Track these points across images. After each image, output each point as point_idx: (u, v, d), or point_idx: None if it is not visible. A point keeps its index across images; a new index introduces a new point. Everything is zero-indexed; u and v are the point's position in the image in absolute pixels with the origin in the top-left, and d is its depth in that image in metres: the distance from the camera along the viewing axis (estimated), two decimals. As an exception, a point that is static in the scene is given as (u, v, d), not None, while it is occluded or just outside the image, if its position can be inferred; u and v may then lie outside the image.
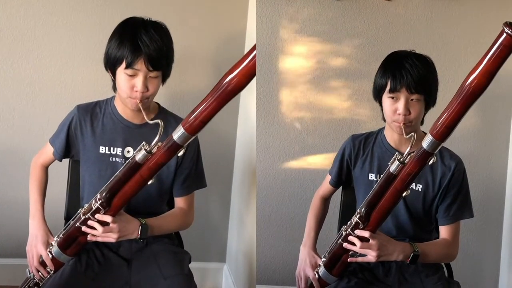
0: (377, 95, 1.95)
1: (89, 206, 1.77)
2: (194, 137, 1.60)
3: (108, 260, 1.93)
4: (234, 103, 2.75)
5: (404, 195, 1.74)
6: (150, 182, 1.70)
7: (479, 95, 1.49)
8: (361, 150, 2.04)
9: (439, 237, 2.00)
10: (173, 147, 1.61)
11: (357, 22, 2.63)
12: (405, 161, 1.70)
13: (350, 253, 1.87)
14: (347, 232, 1.84)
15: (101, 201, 1.74)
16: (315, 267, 2.00)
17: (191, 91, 2.69)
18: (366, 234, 1.80)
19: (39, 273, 1.90)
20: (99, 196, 1.74)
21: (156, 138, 1.65)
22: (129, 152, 1.94)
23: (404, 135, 1.84)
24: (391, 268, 1.98)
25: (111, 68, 1.89)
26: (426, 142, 1.60)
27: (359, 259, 1.86)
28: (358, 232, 1.82)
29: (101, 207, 1.74)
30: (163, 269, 1.88)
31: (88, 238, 1.80)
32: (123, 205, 1.77)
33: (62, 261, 1.87)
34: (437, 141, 1.58)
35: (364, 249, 1.81)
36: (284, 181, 2.71)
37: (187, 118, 1.57)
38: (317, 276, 1.97)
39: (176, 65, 1.97)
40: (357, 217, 1.81)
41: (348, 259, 1.88)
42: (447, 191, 1.95)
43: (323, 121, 2.67)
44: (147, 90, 1.85)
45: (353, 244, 1.83)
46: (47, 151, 2.05)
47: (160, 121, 1.67)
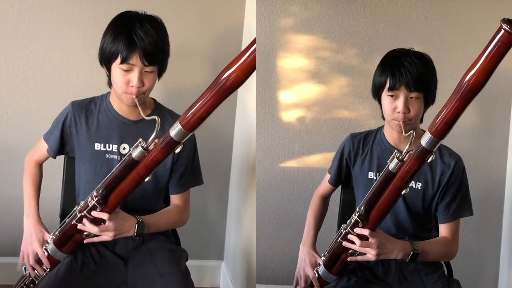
0: (376, 93, 1.95)
1: (85, 203, 1.75)
2: (191, 133, 1.58)
3: (104, 258, 1.92)
4: (231, 99, 2.74)
5: (403, 193, 1.74)
6: (147, 179, 1.69)
7: (477, 92, 1.49)
8: (360, 148, 2.03)
9: (438, 235, 2.00)
10: (170, 144, 1.60)
11: (356, 20, 2.62)
12: (404, 159, 1.70)
13: (349, 252, 1.87)
14: (347, 230, 1.84)
15: (97, 199, 1.72)
16: (315, 266, 1.99)
17: (188, 87, 2.69)
18: (365, 232, 1.80)
19: (35, 271, 1.88)
20: (95, 193, 1.73)
21: (153, 134, 1.63)
22: (124, 149, 1.93)
23: (403, 133, 1.84)
24: (391, 266, 1.97)
25: (106, 63, 1.87)
26: (424, 139, 1.60)
27: (359, 258, 1.86)
28: (357, 230, 1.81)
29: (97, 205, 1.73)
30: (159, 267, 1.87)
31: (84, 241, 1.79)
32: (120, 203, 1.75)
33: (58, 259, 1.85)
34: (435, 138, 1.58)
35: (363, 247, 1.80)
36: (283, 180, 2.71)
37: (184, 114, 1.56)
38: (316, 275, 1.97)
39: (172, 60, 1.95)
40: (357, 215, 1.81)
41: (348, 258, 1.88)
42: (446, 189, 1.95)
43: (322, 120, 2.67)
44: (143, 85, 1.83)
45: (353, 242, 1.82)
46: (41, 148, 2.04)
47: (157, 117, 1.65)
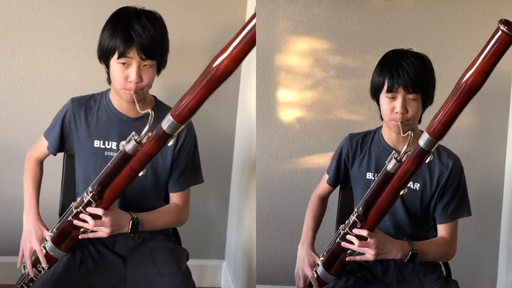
0: (375, 94, 1.94)
1: (81, 199, 1.75)
2: (183, 126, 1.56)
3: (103, 256, 1.91)
4: (233, 98, 2.77)
5: (401, 193, 1.74)
6: (141, 173, 1.67)
7: (475, 92, 1.49)
8: (358, 149, 2.03)
9: (437, 235, 2.00)
10: (163, 137, 1.58)
11: (354, 21, 2.62)
12: (402, 160, 1.70)
13: (348, 252, 1.87)
14: (345, 231, 1.84)
15: (92, 194, 1.71)
16: (314, 266, 1.99)
17: (188, 84, 2.63)
18: (364, 232, 1.80)
19: (34, 269, 1.88)
20: (90, 189, 1.72)
21: (146, 128, 1.62)
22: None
23: (401, 133, 1.84)
24: (389, 266, 1.97)
25: (104, 59, 1.86)
26: (423, 140, 1.60)
27: (357, 258, 1.86)
28: (356, 231, 1.81)
29: (92, 200, 1.72)
30: (160, 266, 1.86)
31: (80, 236, 1.78)
32: (115, 198, 1.74)
33: (56, 257, 1.84)
34: (433, 139, 1.58)
35: (362, 247, 1.81)
36: (282, 181, 2.70)
37: (175, 106, 1.54)
38: (315, 275, 1.97)
39: (173, 57, 1.94)
40: (355, 216, 1.81)
41: (346, 258, 1.88)
42: (445, 190, 1.95)
43: (320, 120, 2.67)
44: (141, 80, 1.82)
45: (351, 243, 1.82)
46: (42, 145, 2.03)
47: (150, 110, 1.65)
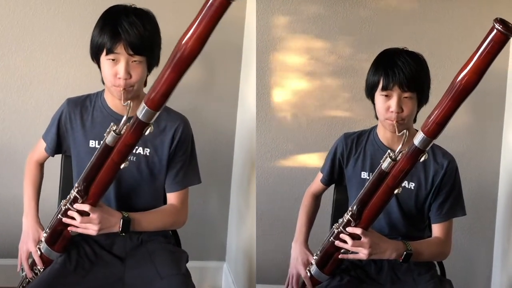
0: (370, 93, 1.95)
1: (68, 196, 1.73)
2: (158, 112, 1.54)
3: (100, 257, 1.89)
4: (233, 97, 2.75)
5: (396, 192, 1.74)
6: (123, 166, 1.64)
7: (470, 91, 1.50)
8: (353, 148, 2.03)
9: (431, 235, 2.00)
10: (139, 126, 1.55)
11: (350, 19, 2.62)
12: (397, 159, 1.70)
13: (341, 250, 1.87)
14: (339, 230, 1.84)
15: (77, 189, 1.70)
16: (307, 265, 1.99)
17: (184, 82, 2.64)
18: (358, 231, 1.80)
19: (31, 272, 1.88)
20: (76, 184, 1.71)
21: (124, 118, 1.60)
22: None
23: (396, 133, 1.84)
24: (383, 266, 1.97)
25: (95, 57, 1.87)
26: (417, 139, 1.61)
27: (351, 257, 1.86)
28: (350, 229, 1.81)
29: (78, 196, 1.70)
30: (159, 268, 1.84)
31: (69, 228, 1.76)
32: (101, 193, 1.72)
33: (51, 258, 1.84)
34: (428, 138, 1.59)
35: (355, 247, 1.81)
36: (277, 179, 2.70)
37: (148, 93, 1.52)
38: (309, 274, 1.97)
39: (168, 56, 1.94)
40: (349, 214, 1.81)
41: (339, 256, 1.88)
42: (439, 189, 1.95)
43: (316, 119, 2.67)
44: (130, 76, 1.80)
45: (345, 242, 1.82)
46: (40, 147, 2.02)
47: (130, 101, 1.64)
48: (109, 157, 1.64)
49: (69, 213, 1.73)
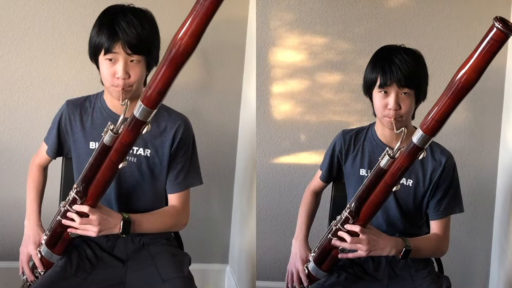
0: (367, 90, 1.95)
1: (67, 197, 1.72)
2: (155, 111, 1.52)
3: (101, 259, 1.88)
4: (236, 97, 2.73)
5: (394, 189, 1.74)
6: (121, 165, 1.63)
7: (469, 89, 1.50)
8: (351, 145, 2.03)
9: (429, 232, 2.00)
10: (136, 124, 1.54)
11: (349, 16, 2.62)
12: (395, 156, 1.70)
13: (340, 248, 1.86)
14: (337, 227, 1.84)
15: (76, 190, 1.69)
16: (306, 261, 2.00)
17: (184, 83, 2.64)
18: (356, 228, 1.80)
19: (32, 275, 1.87)
20: (75, 185, 1.69)
21: (121, 117, 1.59)
22: None
23: (394, 130, 1.84)
24: (381, 262, 1.98)
25: (94, 57, 1.86)
26: (416, 136, 1.61)
27: (350, 255, 1.86)
28: (348, 226, 1.81)
29: (77, 197, 1.69)
30: (161, 271, 1.83)
31: (68, 230, 1.75)
32: (100, 194, 1.70)
33: (51, 261, 1.83)
34: (427, 135, 1.59)
35: (354, 244, 1.81)
36: (275, 177, 2.70)
37: (144, 91, 1.50)
38: (306, 271, 1.98)
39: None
40: (347, 212, 1.81)
41: (339, 256, 1.88)
42: (437, 186, 1.95)
43: (314, 116, 2.67)
44: (129, 76, 1.79)
45: (343, 240, 1.82)
46: (43, 150, 2.01)
47: (127, 100, 1.63)
48: (107, 157, 1.63)
49: (68, 214, 1.72)
